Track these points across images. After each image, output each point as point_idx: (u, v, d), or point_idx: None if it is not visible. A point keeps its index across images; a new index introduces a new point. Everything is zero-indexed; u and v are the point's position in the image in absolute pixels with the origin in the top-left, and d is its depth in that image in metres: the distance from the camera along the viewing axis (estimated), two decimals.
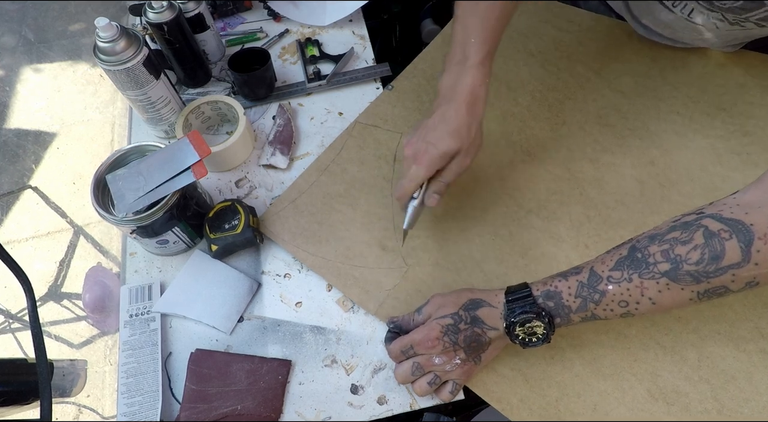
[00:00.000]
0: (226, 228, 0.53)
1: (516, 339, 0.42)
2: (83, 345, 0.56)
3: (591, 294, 0.40)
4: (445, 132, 0.47)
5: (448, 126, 0.47)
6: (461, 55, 0.48)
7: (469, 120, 0.48)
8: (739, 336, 0.48)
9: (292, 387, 0.49)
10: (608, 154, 0.59)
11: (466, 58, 0.47)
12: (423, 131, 0.48)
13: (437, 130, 0.47)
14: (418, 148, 0.48)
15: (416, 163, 0.48)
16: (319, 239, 0.56)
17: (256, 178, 0.62)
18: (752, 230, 0.34)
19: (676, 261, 0.37)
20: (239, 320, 0.52)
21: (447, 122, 0.47)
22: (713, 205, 0.38)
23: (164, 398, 0.48)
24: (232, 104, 0.61)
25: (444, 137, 0.47)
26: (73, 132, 0.68)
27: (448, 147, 0.47)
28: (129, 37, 0.52)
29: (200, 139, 0.50)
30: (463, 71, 0.47)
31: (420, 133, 0.48)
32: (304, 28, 0.75)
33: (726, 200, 0.38)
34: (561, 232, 0.55)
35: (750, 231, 0.34)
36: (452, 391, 0.45)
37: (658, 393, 0.46)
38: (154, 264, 0.56)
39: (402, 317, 0.49)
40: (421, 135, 0.48)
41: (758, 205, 0.36)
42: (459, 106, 0.47)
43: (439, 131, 0.47)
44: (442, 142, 0.47)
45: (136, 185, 0.49)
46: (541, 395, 0.46)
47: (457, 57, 0.48)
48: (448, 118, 0.47)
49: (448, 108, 0.47)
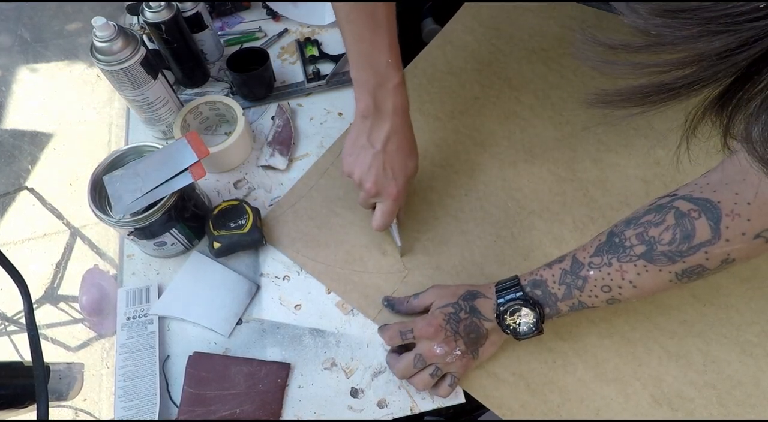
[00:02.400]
0: (231, 226, 0.53)
1: (507, 328, 0.43)
2: (80, 348, 0.56)
3: (574, 281, 0.42)
4: (405, 158, 0.48)
5: (404, 151, 0.48)
6: (378, 77, 0.46)
7: (413, 136, 0.49)
8: (745, 340, 0.47)
9: (291, 390, 0.48)
10: (612, 154, 0.58)
11: (387, 79, 0.46)
12: (376, 161, 0.47)
13: (397, 160, 0.48)
14: (383, 183, 0.48)
15: (388, 198, 0.48)
16: (319, 243, 0.55)
17: (254, 179, 0.61)
18: (719, 207, 0.35)
19: (651, 242, 0.38)
20: (238, 322, 0.52)
21: (401, 148, 0.48)
22: (686, 186, 0.39)
23: (162, 401, 0.48)
24: (230, 104, 0.60)
25: (406, 164, 0.49)
26: (70, 132, 0.68)
27: (411, 170, 0.50)
28: (126, 37, 0.52)
29: (198, 140, 0.49)
30: (388, 93, 0.46)
31: (374, 164, 0.47)
32: (304, 28, 0.74)
33: (697, 180, 0.39)
34: (564, 234, 0.54)
35: (717, 208, 0.35)
36: (451, 384, 0.45)
37: (663, 399, 0.45)
38: (152, 266, 0.56)
39: (397, 298, 0.50)
40: (377, 167, 0.48)
41: (725, 181, 0.36)
42: (403, 127, 0.48)
43: (399, 160, 0.48)
44: (406, 169, 0.49)
45: (133, 186, 0.48)
46: (542, 400, 0.46)
47: (373, 80, 0.46)
48: (400, 144, 0.48)
49: (395, 132, 0.47)
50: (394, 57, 0.46)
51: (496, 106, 0.63)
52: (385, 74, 0.46)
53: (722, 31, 0.16)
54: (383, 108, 0.47)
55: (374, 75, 0.46)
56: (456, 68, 0.67)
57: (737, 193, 0.35)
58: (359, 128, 0.48)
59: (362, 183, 0.48)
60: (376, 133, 0.47)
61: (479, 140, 0.61)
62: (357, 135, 0.48)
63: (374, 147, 0.47)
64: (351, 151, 0.49)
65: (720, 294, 0.49)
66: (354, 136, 0.49)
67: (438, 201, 0.57)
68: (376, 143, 0.47)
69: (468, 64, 0.67)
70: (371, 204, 0.51)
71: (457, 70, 0.67)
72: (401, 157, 0.48)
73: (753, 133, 0.18)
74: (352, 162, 0.49)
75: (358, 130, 0.48)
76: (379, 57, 0.45)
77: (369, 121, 0.47)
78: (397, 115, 0.47)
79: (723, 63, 0.16)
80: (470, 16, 0.71)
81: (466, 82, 0.65)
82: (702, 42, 0.16)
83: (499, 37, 0.69)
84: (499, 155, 0.60)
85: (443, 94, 0.64)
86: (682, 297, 0.49)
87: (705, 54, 0.17)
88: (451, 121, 0.62)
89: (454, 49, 0.68)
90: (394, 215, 0.50)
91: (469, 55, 0.68)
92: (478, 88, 0.65)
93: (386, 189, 0.48)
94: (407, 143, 0.49)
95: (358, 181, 0.49)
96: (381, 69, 0.45)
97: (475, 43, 0.69)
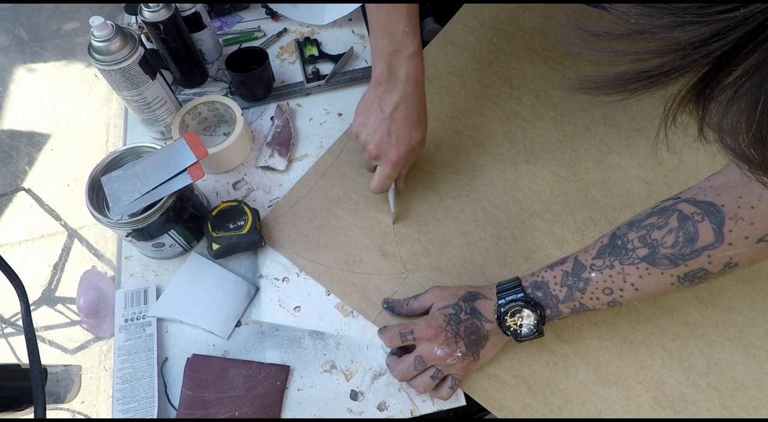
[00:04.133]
0: (230, 227, 0.52)
1: (508, 330, 0.43)
2: (77, 351, 0.55)
3: (576, 283, 0.41)
4: (410, 126, 0.49)
5: (411, 120, 0.49)
6: (394, 44, 0.47)
7: (424, 108, 0.50)
8: (748, 342, 0.46)
9: (290, 393, 0.48)
10: (614, 155, 0.58)
11: (402, 47, 0.47)
12: (382, 125, 0.49)
13: (402, 127, 0.49)
14: (385, 147, 0.49)
15: (389, 163, 0.49)
16: (318, 245, 0.55)
17: (253, 179, 0.61)
18: (723, 211, 0.35)
19: (653, 245, 0.38)
20: (237, 325, 0.51)
21: (409, 116, 0.48)
22: (690, 190, 0.39)
23: (160, 404, 0.47)
24: (229, 105, 0.60)
25: (410, 132, 0.49)
26: (68, 133, 0.67)
27: (416, 141, 0.50)
28: (124, 37, 0.51)
29: (197, 141, 0.49)
30: (402, 61, 0.48)
31: (379, 128, 0.49)
32: (303, 28, 0.74)
33: (701, 184, 0.38)
34: (566, 236, 0.53)
35: (721, 211, 0.35)
36: (452, 387, 0.45)
37: (665, 401, 0.45)
38: (150, 268, 0.55)
39: (396, 300, 0.50)
40: (382, 131, 0.49)
41: (729, 185, 0.36)
42: (414, 96, 0.48)
43: (404, 127, 0.49)
44: (411, 138, 0.49)
45: (131, 187, 0.48)
46: (544, 403, 0.45)
47: (389, 47, 0.47)
48: (408, 112, 0.48)
49: (404, 101, 0.48)
50: (411, 26, 0.47)
51: (497, 106, 0.63)
52: (401, 42, 0.47)
53: (696, 22, 0.17)
54: (397, 75, 0.48)
55: (390, 43, 0.47)
56: (457, 68, 0.66)
57: (741, 197, 0.35)
58: (372, 93, 0.50)
59: (366, 145, 0.50)
60: (387, 98, 0.48)
61: (480, 140, 0.60)
62: (369, 99, 0.50)
63: (383, 112, 0.48)
64: (361, 113, 0.51)
65: (723, 296, 0.49)
66: (366, 99, 0.51)
67: (438, 202, 0.57)
68: (386, 108, 0.48)
69: (469, 64, 0.66)
70: (372, 167, 0.53)
71: (458, 69, 0.66)
72: (407, 126, 0.49)
73: (723, 124, 0.19)
74: (361, 123, 0.50)
75: (371, 94, 0.50)
76: (396, 25, 0.46)
77: (382, 87, 0.49)
78: (409, 83, 0.48)
79: (697, 52, 0.17)
80: (471, 16, 0.71)
81: (467, 82, 0.65)
82: (677, 31, 0.17)
83: (500, 37, 0.68)
84: (500, 156, 0.59)
85: (444, 94, 0.64)
86: (684, 299, 0.49)
87: (680, 43, 0.17)
88: (451, 121, 0.62)
89: (455, 49, 0.68)
90: (391, 180, 0.51)
91: (470, 55, 0.67)
92: (478, 87, 0.64)
93: (387, 153, 0.49)
94: (416, 113, 0.49)
95: (363, 142, 0.50)
96: (397, 37, 0.47)
97: (476, 43, 0.68)
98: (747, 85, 0.17)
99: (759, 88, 0.17)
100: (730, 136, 0.19)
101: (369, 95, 0.50)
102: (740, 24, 0.16)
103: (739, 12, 0.16)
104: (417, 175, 0.58)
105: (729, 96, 0.18)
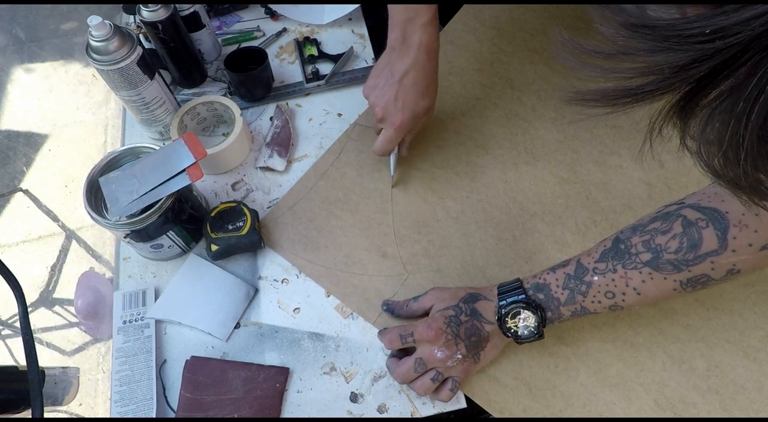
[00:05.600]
0: (229, 228, 0.52)
1: (508, 332, 0.43)
2: (75, 353, 0.55)
3: (578, 286, 0.41)
4: (417, 93, 0.50)
5: (419, 87, 0.49)
6: (410, 12, 0.48)
7: (435, 77, 0.51)
8: (749, 345, 0.46)
9: (289, 395, 0.48)
10: (615, 157, 0.58)
11: (417, 15, 0.48)
12: (390, 90, 0.50)
13: (410, 93, 0.49)
14: (390, 111, 0.50)
15: (393, 127, 0.50)
16: (318, 246, 0.54)
17: (253, 180, 0.60)
18: (727, 217, 0.35)
19: (657, 250, 0.38)
20: (236, 326, 0.51)
21: (417, 83, 0.49)
22: (694, 195, 0.39)
23: (159, 406, 0.47)
24: (228, 105, 0.60)
25: (418, 100, 0.50)
26: (65, 133, 0.67)
27: (423, 109, 0.50)
28: (122, 36, 0.51)
29: (196, 141, 0.48)
30: (416, 29, 0.48)
31: (387, 92, 0.50)
32: (303, 27, 0.73)
33: (706, 189, 0.39)
34: (566, 237, 0.53)
35: (725, 218, 0.35)
36: (452, 389, 0.45)
37: (666, 404, 0.45)
38: (149, 269, 0.55)
39: (396, 301, 0.50)
40: (390, 95, 0.50)
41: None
42: (425, 64, 0.49)
43: (413, 94, 0.49)
44: (417, 105, 0.50)
45: (129, 188, 0.47)
46: (545, 405, 0.45)
47: (404, 14, 0.48)
48: (417, 79, 0.49)
49: (414, 67, 0.49)
50: None
51: (498, 107, 0.62)
52: (417, 10, 0.48)
53: (675, 49, 0.18)
54: (410, 42, 0.49)
55: (406, 10, 0.48)
56: (457, 68, 0.66)
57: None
58: (386, 58, 0.51)
59: (373, 107, 0.52)
60: (398, 64, 0.49)
61: (481, 141, 0.60)
62: (382, 63, 0.52)
63: (393, 76, 0.50)
64: (374, 76, 0.52)
65: (724, 299, 0.49)
66: (380, 64, 0.52)
67: (439, 203, 0.56)
68: (396, 73, 0.49)
69: (469, 65, 0.66)
70: (378, 129, 0.54)
71: (459, 70, 0.66)
72: (415, 92, 0.50)
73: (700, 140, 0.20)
74: (371, 86, 0.52)
75: (385, 59, 0.51)
76: None
77: (395, 53, 0.50)
78: (421, 51, 0.49)
79: (676, 76, 0.19)
80: (471, 16, 0.70)
81: (468, 83, 0.65)
82: (658, 56, 0.19)
83: (501, 37, 0.68)
84: (500, 157, 0.59)
85: (444, 95, 0.63)
86: (685, 301, 0.49)
87: (661, 67, 0.19)
88: (452, 122, 0.62)
89: (456, 49, 0.68)
90: (393, 144, 0.52)
91: (470, 55, 0.67)
92: (479, 88, 0.64)
93: (392, 117, 0.50)
94: (425, 81, 0.50)
95: (371, 104, 0.52)
96: (413, 5, 0.48)
97: (477, 43, 0.68)
98: (721, 107, 0.19)
99: (730, 112, 0.18)
100: (705, 151, 0.21)
101: (383, 60, 0.52)
102: (715, 54, 0.17)
103: (714, 44, 0.17)
104: (417, 176, 0.58)
105: (706, 115, 0.19)
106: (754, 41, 0.17)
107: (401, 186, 0.58)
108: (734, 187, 0.21)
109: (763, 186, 0.20)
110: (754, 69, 0.17)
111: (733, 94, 0.18)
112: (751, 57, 0.17)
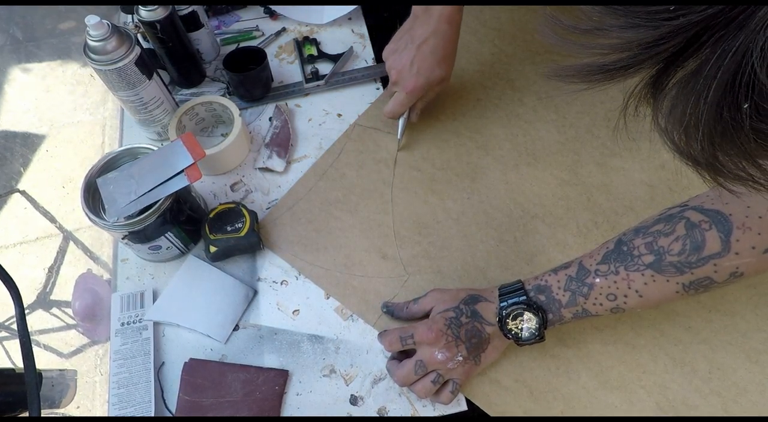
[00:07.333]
0: (228, 230, 0.52)
1: (509, 333, 0.43)
2: (73, 355, 0.54)
3: (579, 288, 0.41)
4: (435, 62, 0.51)
5: (436, 55, 0.50)
6: None
7: (453, 47, 0.52)
8: (751, 347, 0.46)
9: (289, 398, 0.47)
10: (617, 158, 0.57)
11: None
12: (407, 54, 0.51)
13: (426, 59, 0.50)
14: (405, 75, 0.51)
15: (405, 90, 0.52)
16: (317, 247, 0.54)
17: (252, 181, 0.60)
18: (731, 220, 0.35)
19: (660, 252, 0.37)
20: (234, 328, 0.51)
21: (435, 51, 0.50)
22: (697, 197, 0.39)
23: (157, 409, 0.47)
24: (227, 105, 0.59)
25: (433, 67, 0.51)
26: (63, 134, 0.67)
27: (437, 77, 0.52)
28: (120, 36, 0.51)
29: (194, 141, 0.48)
30: None
31: (404, 56, 0.51)
32: (302, 27, 0.73)
33: (709, 192, 0.38)
34: (568, 239, 0.53)
35: (728, 221, 0.35)
36: (453, 391, 0.45)
37: (668, 407, 0.44)
38: (147, 271, 0.55)
39: (396, 303, 0.49)
40: (407, 59, 0.51)
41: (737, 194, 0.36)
42: (445, 33, 0.50)
43: (429, 61, 0.51)
44: (432, 72, 0.51)
45: (127, 189, 0.47)
46: (546, 407, 0.45)
47: None
48: (435, 47, 0.50)
49: (435, 35, 0.50)
50: None
51: (499, 108, 0.62)
52: None
53: (644, 25, 0.18)
54: (433, 11, 0.50)
55: None
56: (457, 69, 0.65)
57: (749, 207, 0.34)
58: (408, 24, 0.52)
59: (390, 69, 0.53)
60: (419, 30, 0.51)
61: (481, 142, 0.60)
62: (404, 29, 0.53)
63: (412, 42, 0.51)
64: (395, 40, 0.54)
65: (725, 301, 0.48)
66: (402, 29, 0.53)
67: (439, 204, 0.56)
68: (416, 39, 0.50)
69: (470, 66, 0.66)
70: (391, 92, 0.55)
71: (459, 71, 0.66)
72: (431, 60, 0.51)
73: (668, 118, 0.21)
74: (391, 49, 0.53)
75: (407, 25, 0.53)
76: None
77: (418, 20, 0.51)
78: (442, 20, 0.50)
79: (646, 53, 0.19)
80: (472, 17, 0.70)
81: (468, 84, 0.64)
82: (629, 32, 0.19)
83: (501, 38, 0.68)
84: (501, 158, 0.59)
85: (445, 95, 0.63)
86: (687, 303, 0.49)
87: (633, 43, 0.19)
88: (452, 123, 0.62)
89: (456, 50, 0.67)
90: (404, 108, 0.54)
91: (471, 56, 0.67)
92: (480, 89, 0.64)
93: (405, 81, 0.51)
94: (443, 50, 0.51)
95: (388, 67, 0.53)
96: None
97: (478, 44, 0.68)
98: (687, 85, 0.19)
99: (692, 89, 0.19)
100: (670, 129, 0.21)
101: (405, 26, 0.53)
102: (680, 30, 0.18)
103: (678, 21, 0.17)
104: (418, 177, 0.58)
105: (673, 93, 0.20)
106: (712, 18, 0.17)
107: (401, 186, 0.57)
108: (695, 164, 0.21)
109: (718, 162, 0.20)
110: (715, 47, 0.17)
111: (698, 73, 0.18)
112: (712, 34, 0.17)
